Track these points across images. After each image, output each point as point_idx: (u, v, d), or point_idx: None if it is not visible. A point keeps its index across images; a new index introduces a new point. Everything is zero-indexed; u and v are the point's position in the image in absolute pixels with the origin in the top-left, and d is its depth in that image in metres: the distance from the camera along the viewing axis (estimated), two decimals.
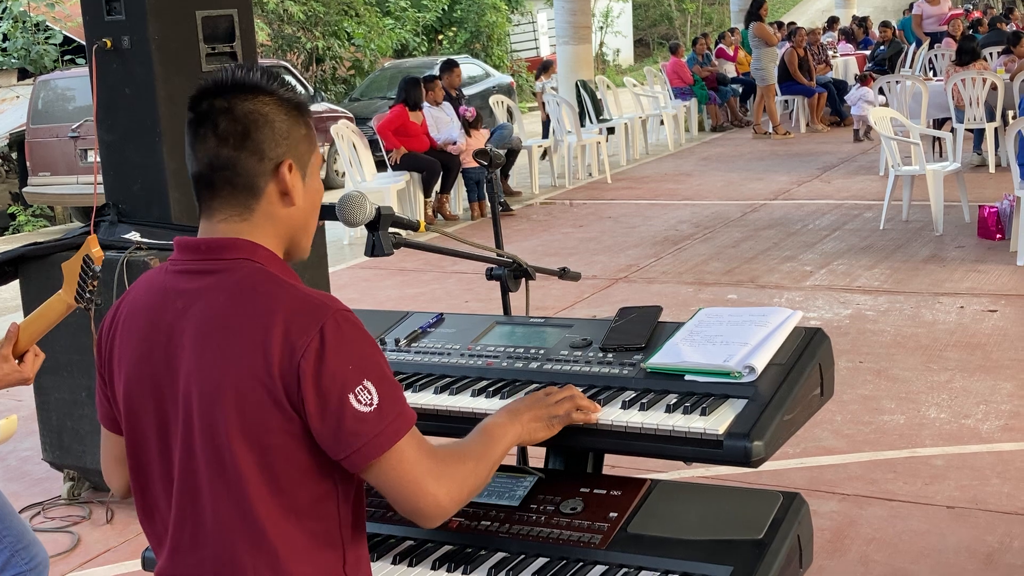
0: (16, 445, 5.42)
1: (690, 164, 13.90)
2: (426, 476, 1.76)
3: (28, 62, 16.66)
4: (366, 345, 1.76)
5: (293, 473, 1.75)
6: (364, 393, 1.71)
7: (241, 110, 1.79)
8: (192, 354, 1.76)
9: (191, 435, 1.77)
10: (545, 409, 2.04)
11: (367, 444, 1.72)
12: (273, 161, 1.80)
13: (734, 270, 8.14)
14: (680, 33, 32.64)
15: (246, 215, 1.82)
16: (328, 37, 22.09)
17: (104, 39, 4.51)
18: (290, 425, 1.72)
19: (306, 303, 1.75)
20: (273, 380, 1.70)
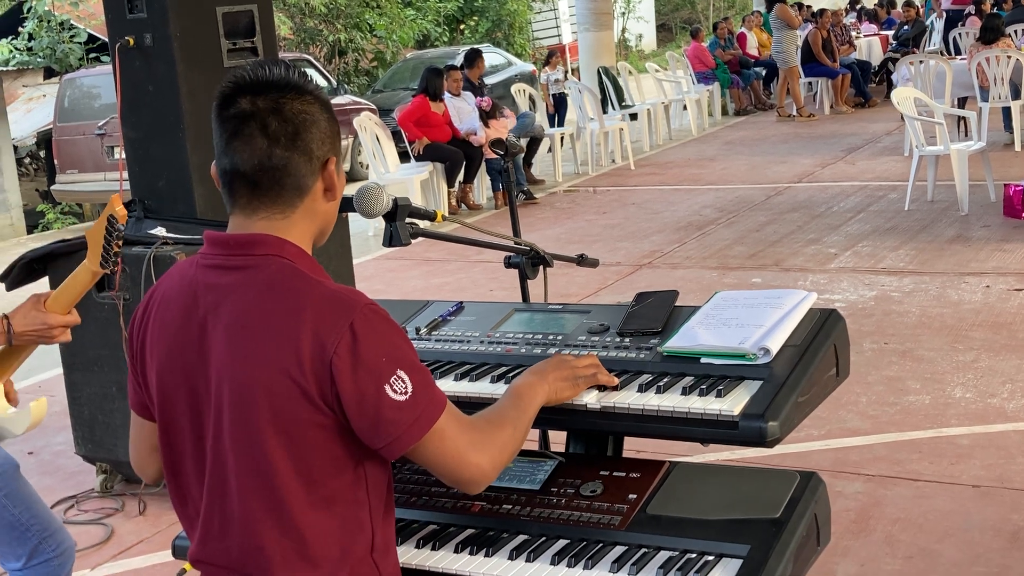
0: (49, 440, 5.50)
1: (713, 148, 13.87)
2: (468, 448, 1.84)
3: (54, 61, 16.80)
4: (396, 336, 1.80)
5: (324, 464, 1.79)
6: (399, 383, 1.76)
7: (290, 110, 1.81)
8: (224, 348, 1.80)
9: (222, 427, 1.81)
10: (570, 369, 2.11)
11: (406, 431, 1.77)
12: (320, 159, 1.85)
13: (758, 254, 8.13)
14: (703, 17, 32.50)
15: (288, 212, 1.85)
16: (350, 29, 22.15)
17: (127, 37, 4.56)
18: (322, 419, 1.76)
19: (334, 299, 1.78)
20: (304, 376, 1.74)
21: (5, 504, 2.68)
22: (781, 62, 15.61)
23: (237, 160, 1.82)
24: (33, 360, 2.90)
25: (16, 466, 2.74)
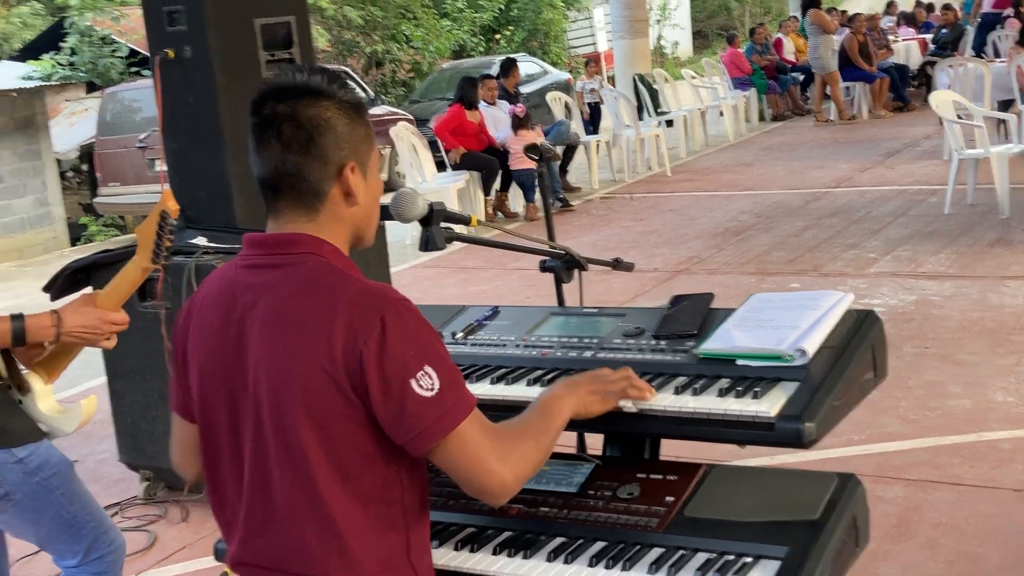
0: (93, 448, 5.58)
1: (750, 154, 13.81)
2: (490, 456, 1.83)
3: (95, 75, 17.01)
4: (426, 332, 1.82)
5: (358, 459, 1.81)
6: (425, 378, 1.77)
7: (304, 116, 1.83)
8: (260, 346, 1.83)
9: (260, 424, 1.84)
10: (602, 384, 2.09)
11: (429, 427, 1.78)
12: (336, 164, 1.86)
13: (797, 259, 8.09)
14: (739, 23, 32.39)
15: (312, 216, 1.88)
16: (387, 40, 22.27)
17: (166, 50, 4.62)
18: (354, 412, 1.78)
19: (367, 294, 1.81)
20: (336, 368, 1.76)
21: (62, 502, 2.73)
22: (817, 67, 15.54)
23: (260, 167, 1.87)
24: (77, 368, 2.95)
25: (71, 465, 2.79)
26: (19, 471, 2.64)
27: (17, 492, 2.65)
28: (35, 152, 14.75)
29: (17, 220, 14.46)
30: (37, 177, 14.74)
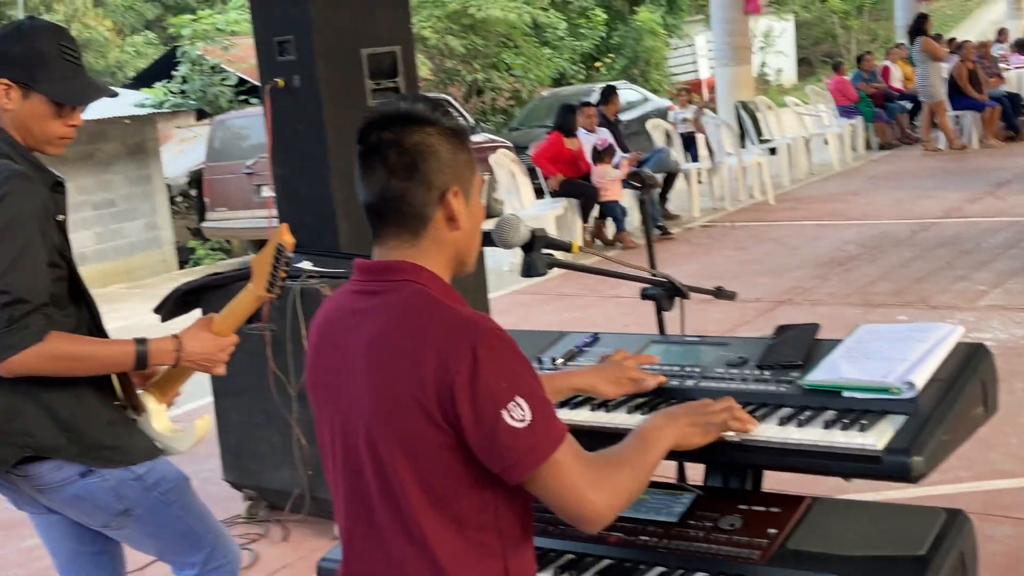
0: (198, 467, 5.69)
1: (856, 183, 13.58)
2: (584, 485, 1.82)
3: (205, 103, 17.48)
4: (518, 363, 1.82)
5: (451, 485, 1.83)
6: (516, 409, 1.77)
7: (408, 142, 1.87)
8: (359, 370, 1.87)
9: (359, 448, 1.87)
10: (703, 416, 2.07)
11: (522, 458, 1.78)
12: (439, 189, 1.89)
13: (903, 291, 7.92)
14: (844, 51, 31.97)
15: (415, 241, 1.91)
16: (487, 69, 22.48)
17: (276, 79, 4.73)
18: (445, 439, 1.80)
19: (460, 323, 1.82)
20: (428, 396, 1.78)
21: (180, 515, 2.79)
22: (926, 95, 15.23)
23: (365, 192, 1.91)
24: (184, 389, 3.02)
25: (187, 479, 2.86)
26: (138, 487, 2.71)
27: (137, 507, 2.72)
28: (146, 177, 15.21)
29: (127, 243, 14.91)
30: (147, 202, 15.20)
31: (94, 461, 2.65)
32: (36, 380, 2.57)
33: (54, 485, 2.66)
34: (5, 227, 2.47)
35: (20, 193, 2.50)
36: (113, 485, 2.68)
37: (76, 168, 14.22)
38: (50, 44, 2.65)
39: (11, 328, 2.45)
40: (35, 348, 2.47)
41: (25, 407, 2.58)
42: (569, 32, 25.25)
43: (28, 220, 2.50)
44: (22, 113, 2.64)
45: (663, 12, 27.80)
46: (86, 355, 2.60)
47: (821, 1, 34.25)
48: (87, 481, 2.66)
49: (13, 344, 2.45)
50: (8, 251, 2.46)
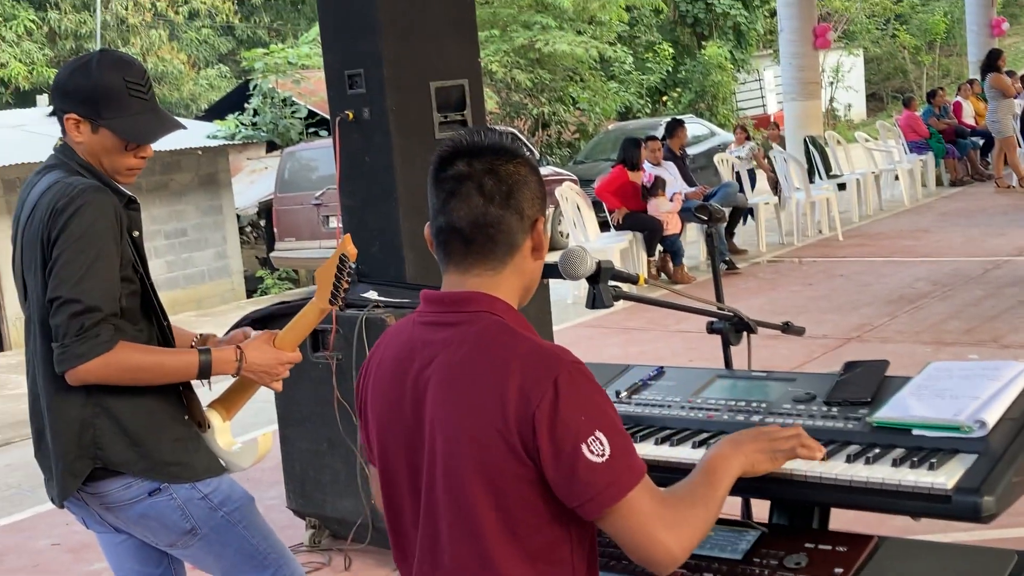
0: (263, 494, 5.74)
1: (927, 220, 13.40)
2: (658, 525, 1.80)
3: (276, 135, 17.75)
4: (598, 397, 1.82)
5: (529, 518, 1.82)
6: (596, 444, 1.77)
7: (504, 171, 1.90)
8: (436, 402, 1.87)
9: (435, 480, 1.87)
10: (769, 442, 2.04)
11: (600, 494, 1.77)
12: (530, 219, 1.92)
13: (975, 329, 7.78)
14: (915, 86, 31.63)
15: (499, 268, 1.92)
16: (553, 103, 22.59)
17: (347, 111, 4.80)
18: (525, 471, 1.79)
19: (541, 355, 1.83)
20: (509, 428, 1.78)
21: (245, 535, 2.82)
22: (996, 131, 15.01)
23: (454, 218, 1.90)
24: (249, 416, 3.06)
25: (252, 499, 2.89)
26: (204, 506, 2.75)
27: (203, 527, 2.76)
28: (217, 208, 15.48)
29: (198, 272, 15.16)
30: (218, 231, 15.46)
31: (161, 477, 2.68)
32: (109, 394, 2.62)
33: (123, 503, 2.70)
34: (79, 238, 2.53)
35: (93, 205, 2.56)
36: (180, 504, 2.71)
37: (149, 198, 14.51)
38: (117, 79, 2.68)
39: (82, 337, 2.50)
40: (103, 357, 2.53)
41: (97, 420, 2.63)
42: (636, 66, 25.32)
43: (102, 232, 2.56)
44: (92, 145, 2.71)
45: (731, 47, 27.77)
46: (152, 365, 2.65)
47: (891, 36, 33.96)
48: (155, 500, 2.69)
49: (82, 353, 2.51)
50: (82, 261, 2.52)
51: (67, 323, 2.51)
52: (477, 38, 5.12)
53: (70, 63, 2.78)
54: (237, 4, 31.31)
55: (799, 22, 15.39)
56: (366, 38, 4.71)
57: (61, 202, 2.56)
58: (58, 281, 2.52)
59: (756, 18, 28.42)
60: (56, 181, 2.64)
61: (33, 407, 2.76)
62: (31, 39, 27.35)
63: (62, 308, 2.51)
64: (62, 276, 2.52)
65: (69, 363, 2.53)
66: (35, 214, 2.63)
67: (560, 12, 22.25)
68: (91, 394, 2.62)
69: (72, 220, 2.54)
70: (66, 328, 2.51)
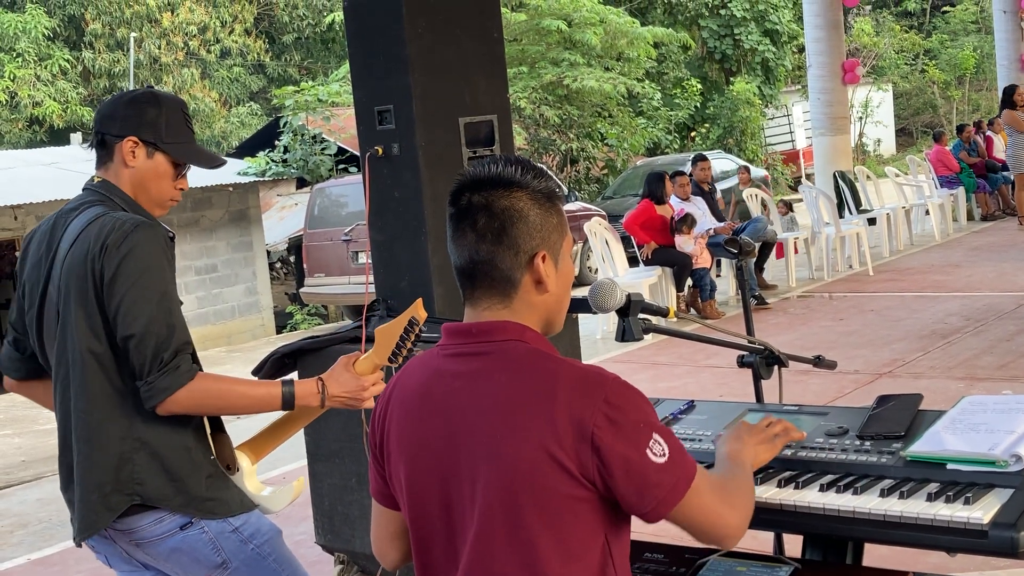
0: (292, 529, 5.74)
1: (958, 255, 13.31)
2: (722, 506, 1.91)
3: (306, 172, 17.91)
4: (646, 403, 1.89)
5: (584, 540, 1.84)
6: (656, 446, 1.83)
7: (498, 206, 1.89)
8: (476, 432, 1.86)
9: (478, 509, 1.85)
10: (761, 432, 2.21)
11: (669, 493, 1.83)
12: (528, 254, 1.91)
13: (1008, 364, 7.70)
14: (945, 121, 31.55)
15: (506, 303, 1.92)
16: (582, 138, 22.67)
17: (376, 147, 4.83)
18: (580, 491, 1.81)
19: (584, 376, 1.85)
20: (565, 451, 1.79)
21: (274, 568, 2.82)
22: (1013, 166, 14.89)
23: (456, 256, 1.94)
24: (279, 451, 3.05)
25: (280, 532, 2.89)
26: (235, 540, 2.75)
27: (233, 560, 2.76)
28: (247, 244, 15.60)
29: (228, 308, 15.25)
30: (248, 267, 15.56)
31: (197, 512, 2.69)
32: (148, 430, 2.63)
33: (154, 538, 2.70)
34: (142, 273, 2.57)
35: (149, 241, 2.60)
36: (212, 537, 2.71)
37: (181, 234, 14.64)
38: (176, 110, 2.81)
39: (164, 371, 2.53)
40: (187, 387, 2.56)
41: (136, 455, 2.64)
42: (664, 102, 25.38)
43: (161, 267, 2.61)
44: (143, 171, 2.76)
45: (759, 82, 27.81)
46: (236, 395, 2.67)
47: (920, 71, 33.92)
48: (186, 534, 2.69)
49: (167, 386, 2.54)
50: (149, 297, 2.56)
51: (147, 359, 2.53)
52: (506, 74, 5.15)
53: (124, 94, 2.85)
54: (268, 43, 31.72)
55: (827, 57, 15.39)
56: (396, 74, 4.74)
57: (113, 237, 2.58)
58: (130, 319, 2.54)
59: (784, 54, 28.47)
60: (99, 215, 2.66)
61: (64, 442, 2.76)
62: (65, 78, 27.79)
63: (140, 345, 2.54)
64: (134, 313, 2.54)
65: (157, 397, 2.55)
66: (77, 247, 2.64)
67: (588, 49, 22.37)
68: (130, 429, 2.63)
69: (130, 256, 2.56)
70: (149, 365, 2.53)
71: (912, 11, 37.32)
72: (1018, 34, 20.78)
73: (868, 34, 31.60)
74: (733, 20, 27.37)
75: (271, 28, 32.27)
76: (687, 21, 27.50)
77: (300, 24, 31.18)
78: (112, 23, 28.72)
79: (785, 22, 27.91)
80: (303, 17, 31.03)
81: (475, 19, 4.93)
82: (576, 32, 22.11)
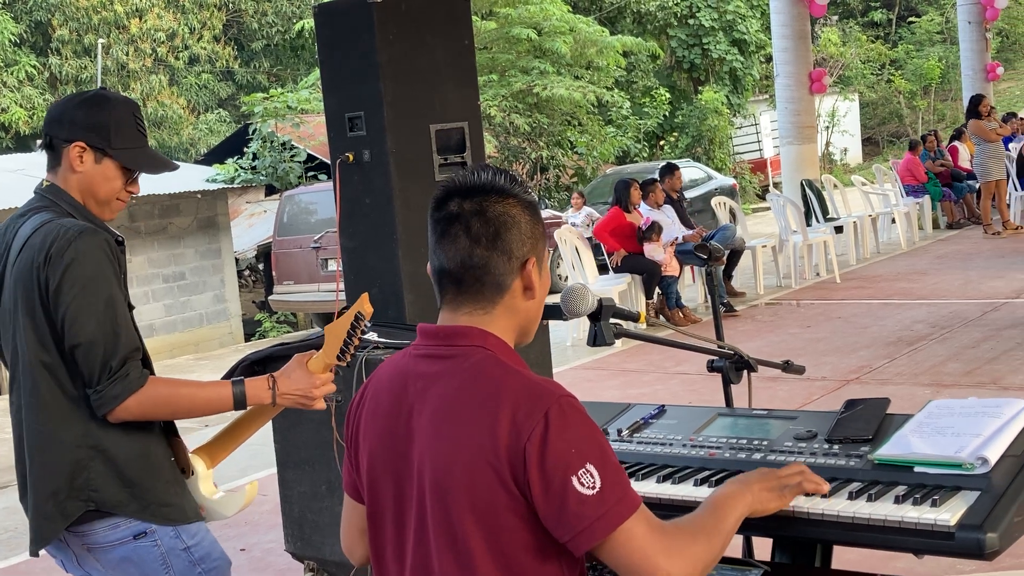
0: (261, 537, 5.71)
1: (924, 262, 13.43)
2: (657, 554, 1.79)
3: (275, 179, 17.84)
4: (588, 430, 1.82)
5: (520, 553, 1.82)
6: (586, 476, 1.77)
7: (492, 212, 1.91)
8: (427, 434, 1.88)
9: (424, 513, 1.87)
10: (776, 480, 2.05)
11: (590, 526, 1.77)
12: (519, 259, 1.93)
13: (974, 371, 7.78)
14: (911, 131, 31.84)
15: (489, 308, 1.94)
16: (552, 147, 22.72)
17: (347, 153, 4.83)
18: (516, 505, 1.80)
19: (532, 388, 1.84)
20: (500, 462, 1.79)
21: None
22: (979, 175, 15.07)
23: (444, 259, 1.93)
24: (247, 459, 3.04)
25: (229, 563, 2.83)
26: (185, 559, 2.69)
27: None
28: (215, 251, 15.52)
29: (196, 315, 15.16)
30: (216, 275, 15.48)
31: (153, 518, 2.64)
32: (104, 436, 2.59)
33: (106, 544, 2.65)
34: (87, 282, 2.53)
35: (93, 248, 2.56)
36: (163, 553, 2.66)
37: (148, 241, 14.54)
38: (126, 114, 2.75)
39: (113, 379, 2.51)
40: (137, 395, 2.53)
41: (91, 462, 2.60)
42: (633, 111, 25.48)
43: (106, 274, 2.56)
44: (91, 176, 2.70)
45: (727, 91, 27.98)
46: (186, 397, 2.65)
47: (887, 81, 34.23)
48: (139, 544, 2.65)
49: (117, 394, 2.52)
50: (94, 305, 2.52)
51: (96, 368, 2.51)
52: (476, 81, 5.16)
53: (74, 96, 2.79)
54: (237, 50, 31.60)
55: (795, 67, 15.52)
56: (367, 81, 4.74)
57: (56, 245, 2.54)
58: (76, 328, 2.52)
59: (752, 63, 28.66)
60: (44, 222, 2.61)
61: (18, 451, 2.72)
62: (32, 84, 27.57)
63: (88, 354, 2.51)
64: (80, 322, 2.51)
65: (108, 405, 2.53)
66: (24, 255, 2.60)
67: (558, 58, 22.43)
68: (85, 436, 2.60)
69: (74, 265, 2.53)
70: (98, 373, 2.51)
71: (878, 21, 37.66)
72: (983, 44, 21.05)
73: (835, 44, 31.86)
74: (702, 30, 27.53)
75: (240, 35, 32.16)
76: (656, 30, 27.63)
77: (269, 31, 31.10)
78: (79, 29, 28.54)
79: (753, 32, 28.10)
80: (272, 24, 30.95)
81: (446, 26, 4.93)
82: (546, 41, 22.16)
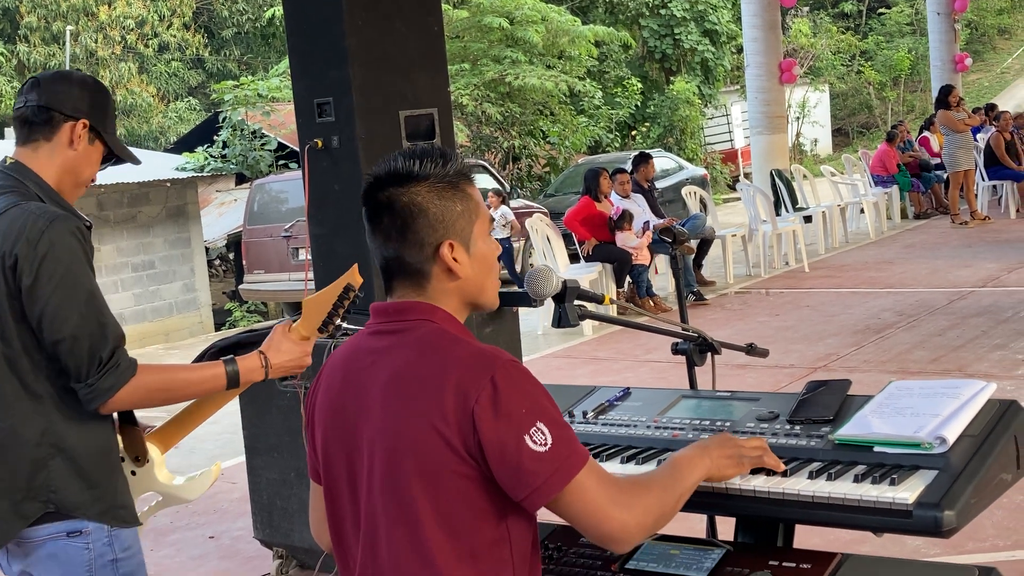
0: (230, 525, 5.71)
1: (892, 252, 13.54)
2: (609, 504, 1.85)
3: (245, 167, 17.74)
4: (536, 390, 1.87)
5: (467, 517, 1.85)
6: (538, 434, 1.82)
7: (399, 204, 1.93)
8: (377, 405, 1.91)
9: (373, 482, 1.90)
10: (735, 448, 2.10)
11: (545, 482, 1.82)
12: (432, 246, 1.94)
13: (940, 359, 7.85)
14: (881, 122, 32.04)
15: (421, 292, 1.97)
16: (524, 136, 22.71)
17: (316, 139, 4.82)
18: (465, 469, 1.83)
19: (477, 355, 1.87)
20: (448, 427, 1.82)
21: None
22: (948, 165, 15.18)
23: (372, 252, 1.99)
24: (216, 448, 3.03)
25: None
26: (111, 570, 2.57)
27: None
28: (185, 240, 15.42)
29: (166, 305, 15.07)
30: (186, 264, 15.38)
31: (113, 521, 2.56)
32: (65, 434, 2.50)
33: (38, 539, 2.53)
34: (65, 274, 2.44)
35: (66, 236, 2.47)
36: (91, 558, 2.55)
37: (117, 230, 14.43)
38: (112, 101, 2.75)
39: (104, 370, 2.43)
40: (131, 383, 2.47)
41: (51, 461, 2.49)
42: (605, 101, 25.50)
43: (82, 264, 2.48)
44: (80, 156, 2.64)
45: (699, 82, 28.05)
46: (180, 382, 2.60)
47: (857, 72, 34.42)
48: (70, 542, 2.53)
49: (110, 385, 2.45)
50: (76, 297, 2.44)
51: (84, 361, 2.42)
52: (446, 68, 5.16)
53: (69, 73, 2.74)
54: (207, 37, 31.38)
55: (765, 57, 15.58)
56: (336, 66, 4.73)
57: (28, 235, 2.44)
58: (59, 323, 2.42)
59: (723, 54, 28.73)
60: (9, 206, 2.51)
61: None
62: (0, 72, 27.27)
63: (74, 348, 2.42)
64: (62, 317, 2.42)
65: (101, 398, 2.45)
66: None
67: (530, 47, 22.40)
68: (45, 434, 2.49)
69: (49, 257, 2.43)
70: (87, 367, 2.43)
71: (849, 13, 37.85)
72: (951, 36, 21.18)
73: (805, 35, 31.99)
74: (673, 20, 27.56)
75: (210, 22, 31.94)
76: (628, 20, 27.63)
77: (239, 19, 30.89)
78: (48, 16, 28.26)
79: (724, 22, 28.16)
80: (242, 12, 30.76)
81: (416, 12, 4.93)
82: (518, 30, 22.13)
